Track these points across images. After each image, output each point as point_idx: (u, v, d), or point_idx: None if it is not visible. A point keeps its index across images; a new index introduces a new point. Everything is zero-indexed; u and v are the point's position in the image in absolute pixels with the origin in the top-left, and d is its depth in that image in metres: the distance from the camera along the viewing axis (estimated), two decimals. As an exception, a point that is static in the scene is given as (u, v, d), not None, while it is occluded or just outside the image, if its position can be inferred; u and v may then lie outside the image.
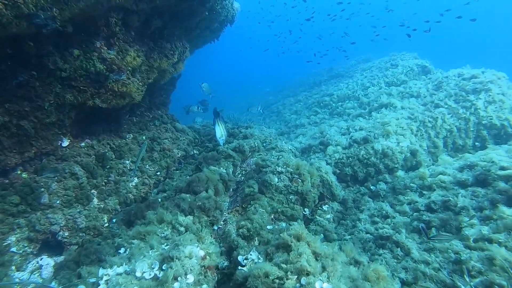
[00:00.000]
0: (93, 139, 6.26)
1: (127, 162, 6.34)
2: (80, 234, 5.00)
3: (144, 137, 7.08)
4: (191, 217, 4.46)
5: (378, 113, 9.52)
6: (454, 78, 9.49)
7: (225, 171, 6.02)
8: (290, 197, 5.74)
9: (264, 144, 8.81)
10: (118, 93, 5.73)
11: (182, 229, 4.30)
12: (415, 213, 5.45)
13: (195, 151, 8.30)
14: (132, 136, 6.91)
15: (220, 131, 6.13)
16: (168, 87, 11.24)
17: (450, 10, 15.62)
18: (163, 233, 4.26)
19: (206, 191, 5.15)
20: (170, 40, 6.90)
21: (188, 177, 6.22)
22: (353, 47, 21.45)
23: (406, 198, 5.90)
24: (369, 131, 8.16)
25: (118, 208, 5.64)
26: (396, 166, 6.98)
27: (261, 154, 7.74)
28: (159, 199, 5.62)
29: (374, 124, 8.59)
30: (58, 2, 4.01)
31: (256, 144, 7.12)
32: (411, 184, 6.15)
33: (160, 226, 4.38)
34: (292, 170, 5.95)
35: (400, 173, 6.77)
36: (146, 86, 6.82)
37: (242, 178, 6.85)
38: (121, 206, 5.71)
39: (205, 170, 5.61)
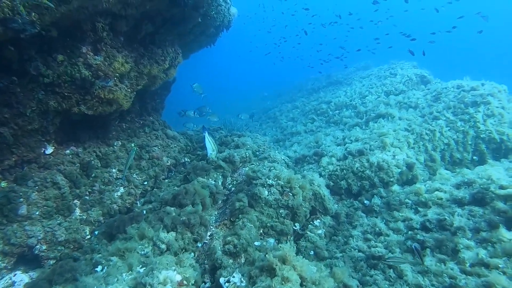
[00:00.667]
0: (78, 146, 6.05)
1: (113, 170, 6.13)
2: (59, 248, 4.78)
3: (133, 144, 6.87)
4: (173, 234, 4.25)
5: (375, 123, 9.34)
6: (453, 89, 9.31)
7: (213, 182, 5.81)
8: (280, 211, 5.53)
9: (257, 153, 8.61)
10: (105, 100, 5.53)
11: (163, 246, 4.09)
12: (409, 232, 5.23)
13: (186, 159, 8.09)
14: (120, 143, 6.70)
15: (211, 147, 5.99)
16: (162, 92, 11.05)
17: (463, 17, 15.42)
18: (144, 250, 4.05)
19: (192, 205, 4.94)
20: (162, 45, 6.72)
21: (176, 187, 6.00)
22: (352, 53, 21.35)
23: (400, 214, 5.69)
24: (365, 143, 7.97)
25: (101, 220, 5.42)
26: (391, 180, 6.78)
27: (253, 164, 7.54)
28: (144, 211, 5.41)
29: (370, 135, 8.40)
30: (37, 7, 3.82)
31: (247, 155, 6.92)
32: (406, 200, 5.94)
33: (141, 242, 4.17)
34: (283, 183, 5.75)
35: (396, 187, 6.56)
36: (135, 93, 6.64)
37: (233, 188, 6.64)
38: (105, 218, 5.49)
39: (194, 182, 5.40)
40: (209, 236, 5.02)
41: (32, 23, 3.90)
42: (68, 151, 5.89)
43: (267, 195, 5.58)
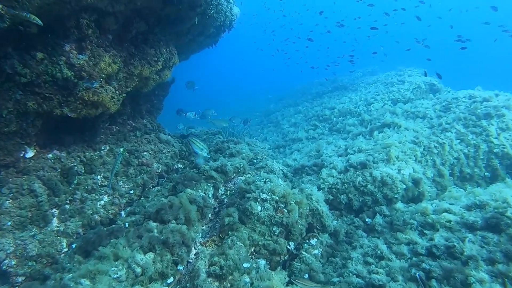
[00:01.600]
0: (62, 150, 5.67)
1: (98, 177, 5.74)
2: (30, 263, 4.38)
3: (121, 149, 6.47)
4: (151, 255, 3.83)
5: (380, 133, 8.87)
6: (465, 100, 8.83)
7: (203, 195, 5.38)
8: (273, 229, 5.10)
9: (255, 161, 8.19)
10: (89, 102, 5.14)
11: (138, 270, 3.68)
12: (414, 258, 4.77)
13: (179, 165, 7.69)
14: (108, 148, 6.31)
15: (199, 147, 5.62)
16: (160, 93, 10.67)
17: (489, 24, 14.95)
18: (117, 274, 3.64)
19: (176, 221, 4.52)
20: (155, 45, 6.33)
21: (163, 198, 5.60)
22: (360, 58, 20.89)
23: (404, 237, 5.23)
24: (369, 154, 7.51)
25: (81, 232, 5.02)
26: (395, 196, 6.32)
27: (249, 174, 7.12)
28: (127, 224, 5.01)
29: (374, 146, 7.93)
30: (6, -1, 3.44)
31: (242, 165, 6.48)
32: (411, 220, 5.47)
33: (116, 263, 3.76)
34: (278, 198, 5.32)
35: (400, 205, 6.09)
36: (124, 95, 6.25)
37: (226, 200, 6.23)
38: (85, 229, 5.09)
39: (180, 195, 4.99)
40: (194, 255, 4.60)
41: (0, 17, 3.52)
42: (50, 155, 5.51)
43: (260, 211, 5.15)
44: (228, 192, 6.55)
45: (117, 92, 5.65)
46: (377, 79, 14.98)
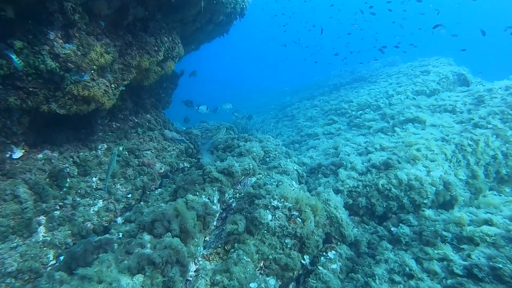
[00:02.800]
0: (54, 150, 5.16)
1: (93, 179, 5.23)
2: (8, 281, 3.89)
3: (121, 148, 5.95)
4: (140, 278, 3.26)
5: (404, 129, 8.08)
6: (500, 92, 7.93)
7: (205, 201, 4.78)
8: (285, 241, 4.47)
9: (267, 159, 7.56)
10: (79, 97, 4.58)
11: (124, 296, 3.12)
12: (449, 279, 4.06)
13: (185, 164, 7.13)
14: (106, 146, 5.79)
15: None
16: (168, 86, 10.13)
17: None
18: (99, 300, 3.09)
19: (172, 233, 3.95)
20: (155, 33, 5.72)
21: (163, 204, 5.04)
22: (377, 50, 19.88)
23: (436, 252, 4.51)
24: (392, 153, 6.76)
25: (70, 242, 4.51)
26: (424, 201, 5.59)
27: (260, 174, 6.49)
28: (120, 235, 4.47)
29: (398, 143, 7.18)
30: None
31: (251, 166, 5.84)
32: (443, 232, 4.74)
33: (99, 287, 3.21)
34: (290, 205, 4.68)
35: (429, 212, 5.36)
36: (121, 89, 5.69)
37: (234, 204, 5.64)
38: (75, 239, 4.57)
39: (178, 202, 4.39)
40: (194, 271, 4.03)
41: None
42: (40, 156, 5.00)
43: (271, 220, 4.53)
44: (237, 194, 5.95)
45: (113, 86, 5.08)
46: (399, 70, 14.04)
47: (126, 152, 5.95)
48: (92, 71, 4.60)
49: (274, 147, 8.01)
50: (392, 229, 5.39)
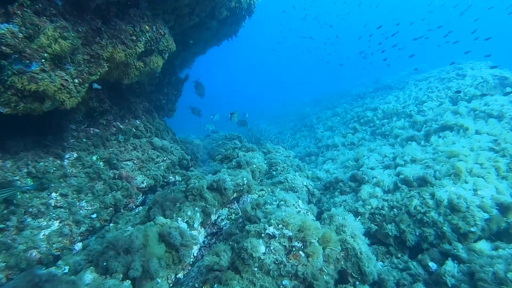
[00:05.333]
0: (7, 158, 4.26)
1: (52, 195, 4.28)
2: None
3: (94, 158, 5.01)
4: None
5: (440, 137, 6.75)
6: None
7: (181, 225, 3.70)
8: (283, 283, 3.30)
9: (274, 173, 6.42)
10: (27, 92, 3.67)
11: None
12: None
13: (177, 177, 6.11)
14: (76, 155, 4.86)
15: None
16: (170, 91, 9.31)
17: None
18: None
19: (129, 272, 2.88)
20: (134, 21, 4.81)
21: (130, 227, 3.99)
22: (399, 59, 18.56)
23: (498, 304, 3.20)
24: (427, 166, 5.48)
25: (2, 278, 3.52)
26: (472, 230, 4.26)
27: (263, 190, 5.37)
28: (66, 269, 3.44)
29: (434, 154, 5.87)
30: None
31: (245, 181, 4.71)
32: (509, 274, 3.41)
33: None
34: (291, 233, 3.52)
35: (483, 246, 4.02)
36: (95, 87, 4.79)
37: (226, 227, 4.54)
38: (11, 273, 3.58)
39: (147, 227, 3.34)
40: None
41: None
42: (-10, 165, 4.12)
43: (264, 253, 3.38)
44: (233, 215, 4.85)
45: (76, 80, 4.15)
46: (430, 75, 12.62)
47: (101, 163, 4.99)
48: (43, 60, 3.68)
49: (284, 159, 6.88)
50: (430, 264, 4.08)
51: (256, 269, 3.31)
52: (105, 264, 2.89)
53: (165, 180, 5.97)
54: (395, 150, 7.02)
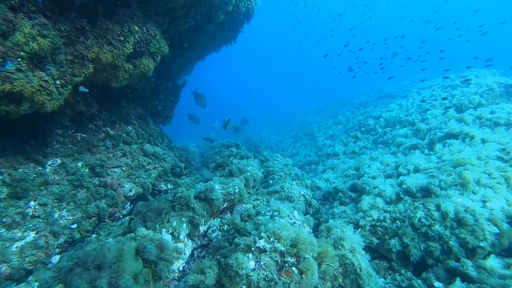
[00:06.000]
0: (-17, 165, 4.01)
1: (30, 204, 4.01)
2: None
3: (80, 164, 4.75)
4: None
5: (445, 146, 6.45)
6: None
7: (164, 237, 3.40)
8: (274, 303, 2.99)
9: (271, 181, 6.13)
10: (1, 93, 3.43)
11: None
12: None
13: (169, 186, 5.84)
14: (59, 161, 4.60)
15: None
16: (167, 97, 9.09)
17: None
18: None
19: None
20: (123, 21, 4.59)
21: (111, 239, 3.70)
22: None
23: (513, 330, 2.87)
24: (431, 175, 5.18)
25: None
26: (481, 245, 3.94)
27: (258, 200, 5.09)
28: (35, 286, 3.14)
29: (439, 163, 5.57)
30: None
31: (237, 190, 4.42)
32: (521, 296, 3.09)
33: None
34: (283, 248, 3.21)
35: (493, 263, 3.70)
36: (81, 90, 4.57)
37: (217, 239, 4.25)
38: (-22, 289, 3.30)
39: (125, 241, 3.05)
40: None
41: None
42: (-35, 171, 3.87)
43: (253, 270, 3.08)
44: (225, 226, 4.56)
45: (58, 82, 3.91)
46: (433, 83, 12.37)
47: (87, 170, 4.73)
48: (20, 60, 3.44)
49: (281, 167, 6.59)
50: (435, 284, 3.74)
51: (244, 287, 3.01)
52: (72, 282, 2.60)
53: (157, 189, 5.69)
54: (398, 159, 6.72)
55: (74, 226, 4.05)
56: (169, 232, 3.56)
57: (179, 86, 9.52)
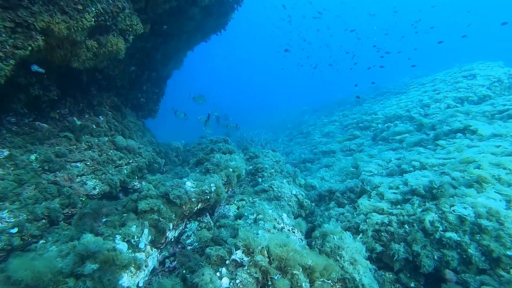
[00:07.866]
0: None
1: (-36, 203, 3.27)
2: None
3: (33, 157, 4.03)
4: None
5: (453, 140, 5.79)
6: None
7: (120, 246, 2.69)
8: (252, 334, 2.30)
9: (260, 180, 5.43)
10: None
11: None
12: None
13: (143, 184, 5.10)
14: (7, 153, 3.88)
15: None
16: (150, 89, 8.39)
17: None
18: None
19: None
20: (81, -12, 3.87)
21: (54, 248, 2.98)
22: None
23: None
24: (441, 172, 4.51)
25: None
26: (508, 253, 3.27)
27: (243, 200, 4.39)
28: None
29: (448, 159, 4.90)
30: None
31: (213, 189, 3.70)
32: None
33: None
34: (266, 262, 2.52)
35: (525, 277, 3.03)
36: (34, 70, 3.86)
37: (192, 246, 3.56)
38: None
39: (69, 246, 2.34)
40: None
41: None
42: None
43: (226, 290, 2.38)
44: (203, 230, 3.85)
45: (-4, 55, 3.20)
46: (435, 78, 11.75)
47: (39, 164, 4.01)
48: None
49: (272, 164, 5.89)
50: (454, 303, 3.07)
51: (213, 313, 2.31)
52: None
53: (129, 187, 4.99)
54: (401, 155, 6.05)
55: (14, 230, 3.32)
56: (125, 240, 2.85)
57: (163, 77, 8.82)
